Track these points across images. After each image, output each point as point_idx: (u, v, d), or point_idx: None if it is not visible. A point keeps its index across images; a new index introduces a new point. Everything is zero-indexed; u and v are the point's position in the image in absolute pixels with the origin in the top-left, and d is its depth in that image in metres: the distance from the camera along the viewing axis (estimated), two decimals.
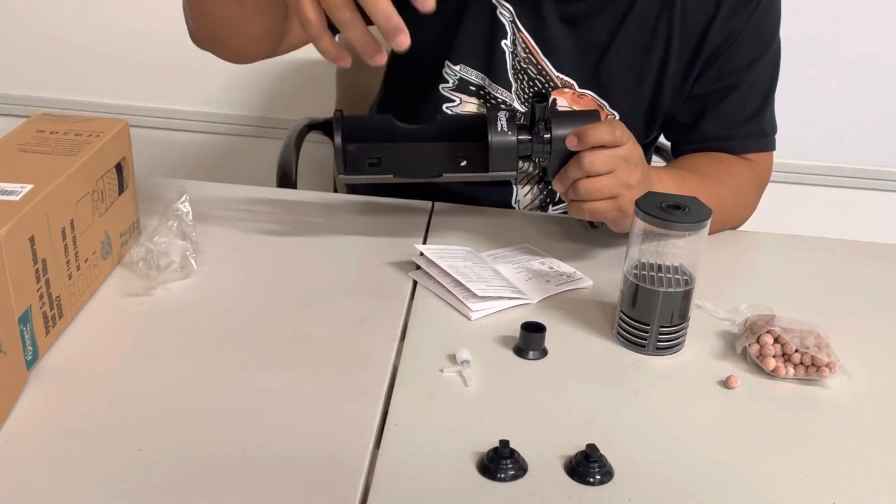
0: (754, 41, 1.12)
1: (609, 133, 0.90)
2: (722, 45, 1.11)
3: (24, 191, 0.76)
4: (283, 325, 0.86)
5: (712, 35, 1.10)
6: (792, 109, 1.86)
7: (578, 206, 0.94)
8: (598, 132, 0.90)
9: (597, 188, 0.92)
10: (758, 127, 1.17)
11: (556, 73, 1.12)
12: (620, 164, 0.92)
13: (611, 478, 0.70)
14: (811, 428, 0.79)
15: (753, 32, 1.11)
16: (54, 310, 0.80)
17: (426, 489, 0.68)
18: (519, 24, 1.10)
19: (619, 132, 0.91)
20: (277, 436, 0.72)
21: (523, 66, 1.12)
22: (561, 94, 1.14)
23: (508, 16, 1.09)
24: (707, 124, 1.15)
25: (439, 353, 0.84)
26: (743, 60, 1.12)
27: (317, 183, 1.85)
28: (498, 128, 0.92)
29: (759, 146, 1.18)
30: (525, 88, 1.13)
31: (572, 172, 0.92)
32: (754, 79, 1.14)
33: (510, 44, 1.10)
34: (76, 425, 0.71)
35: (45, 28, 1.94)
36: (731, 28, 1.10)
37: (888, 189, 2.01)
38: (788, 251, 1.12)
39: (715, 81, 1.13)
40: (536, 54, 1.11)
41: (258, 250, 1.00)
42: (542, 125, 0.93)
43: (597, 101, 1.14)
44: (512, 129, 0.93)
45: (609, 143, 0.91)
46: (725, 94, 1.14)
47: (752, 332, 0.86)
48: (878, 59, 1.87)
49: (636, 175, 0.93)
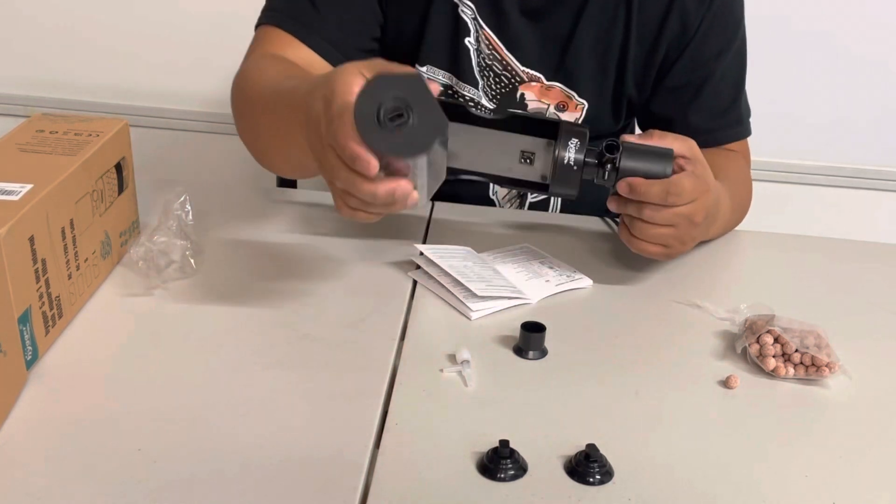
0: (720, 30, 1.12)
1: (660, 196, 0.87)
2: (683, 32, 1.11)
3: (24, 191, 0.76)
4: (283, 325, 0.86)
5: (671, 21, 1.10)
6: (792, 109, 1.86)
7: (628, 238, 0.92)
8: (651, 192, 0.87)
9: (652, 234, 0.90)
10: (735, 115, 1.18)
11: (521, 68, 1.13)
12: (682, 222, 0.90)
13: (611, 478, 0.70)
14: (811, 428, 0.79)
15: (718, 21, 1.11)
16: (54, 310, 0.80)
17: (426, 489, 0.68)
18: (481, 20, 1.10)
19: (672, 197, 0.87)
20: (277, 436, 0.72)
21: (488, 63, 1.12)
22: (528, 88, 1.14)
23: (470, 13, 1.09)
24: (690, 118, 1.16)
25: (439, 353, 0.84)
26: (712, 51, 1.13)
27: (317, 183, 1.85)
28: (567, 148, 0.89)
29: (739, 134, 1.19)
30: (492, 85, 1.14)
31: (631, 210, 0.90)
32: (726, 68, 1.15)
33: (474, 41, 1.11)
34: (76, 425, 0.71)
35: (45, 28, 1.94)
36: (691, 15, 1.10)
37: (888, 189, 2.01)
38: (788, 251, 1.12)
39: (687, 73, 1.14)
40: (500, 50, 1.11)
41: (258, 250, 1.00)
42: (609, 162, 0.89)
43: (565, 91, 1.14)
44: (581, 152, 0.89)
45: (658, 203, 0.88)
46: (700, 86, 1.15)
47: (752, 332, 0.86)
48: (879, 58, 1.87)
49: (695, 233, 0.92)
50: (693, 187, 0.89)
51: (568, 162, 0.89)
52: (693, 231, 0.92)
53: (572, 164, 0.89)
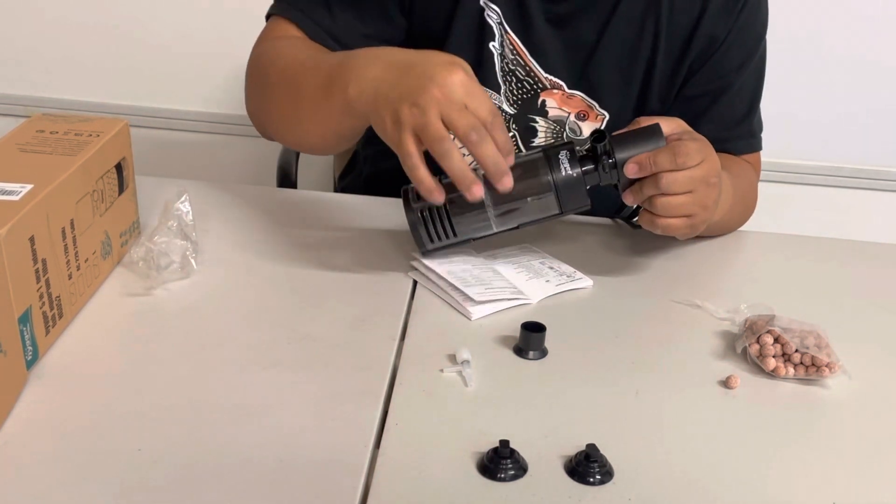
0: (743, 43, 1.13)
1: (670, 161, 0.87)
2: (710, 45, 1.11)
3: (24, 191, 0.76)
4: (283, 325, 0.86)
5: (700, 34, 1.10)
6: (792, 109, 1.86)
7: (651, 220, 0.92)
8: (659, 161, 0.88)
9: (674, 206, 0.90)
10: (748, 128, 1.18)
11: (544, 75, 1.12)
12: (699, 186, 0.90)
13: (611, 478, 0.70)
14: (811, 428, 0.79)
15: (742, 35, 1.11)
16: (54, 310, 0.80)
17: (426, 489, 0.68)
18: (506, 25, 1.09)
19: (681, 158, 0.87)
20: (277, 436, 0.72)
21: (511, 68, 1.12)
22: (550, 96, 1.14)
23: (496, 17, 1.09)
24: (702, 128, 1.15)
25: (439, 353, 0.84)
26: (733, 63, 1.13)
27: (317, 183, 1.85)
28: (560, 170, 0.89)
29: (750, 147, 1.19)
30: (513, 90, 1.13)
31: (648, 190, 0.89)
32: (744, 81, 1.15)
33: (498, 45, 1.10)
34: (76, 425, 0.71)
35: (45, 28, 1.94)
36: (719, 28, 1.10)
37: (888, 189, 2.01)
38: (788, 251, 1.12)
39: (706, 84, 1.14)
40: (524, 56, 1.11)
41: (258, 250, 1.00)
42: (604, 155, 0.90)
43: (586, 101, 1.14)
44: (574, 164, 0.90)
45: (671, 169, 0.88)
46: (717, 97, 1.14)
47: (752, 332, 0.86)
48: (879, 58, 1.87)
49: (713, 194, 0.92)
50: (698, 147, 0.90)
51: (567, 177, 0.90)
52: (711, 193, 0.92)
53: (572, 176, 0.90)
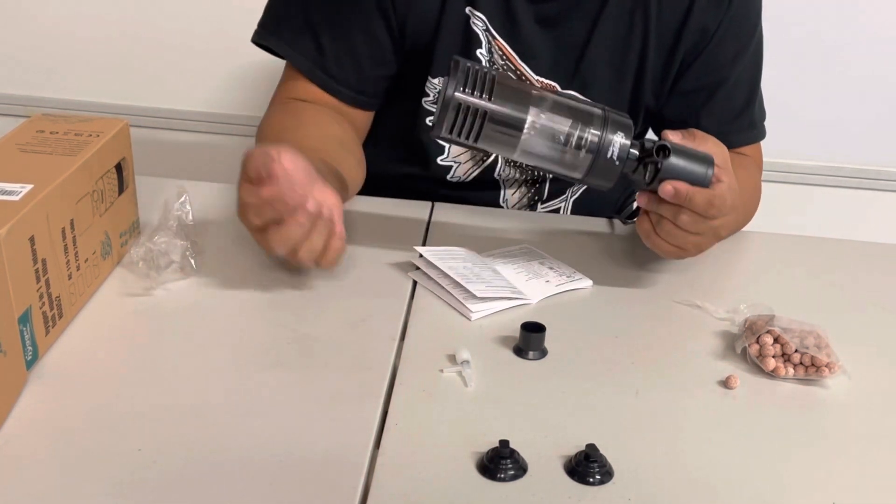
0: (736, 35, 1.12)
1: (703, 206, 0.87)
2: (702, 38, 1.10)
3: (24, 191, 0.76)
4: (283, 325, 0.86)
5: (690, 27, 1.09)
6: (792, 109, 1.86)
7: (647, 232, 0.92)
8: (695, 201, 0.86)
9: (676, 237, 0.91)
10: (748, 120, 1.18)
11: (535, 77, 1.12)
12: (708, 234, 0.91)
13: (611, 478, 0.70)
14: (811, 428, 0.79)
15: (734, 25, 1.11)
16: (54, 310, 0.80)
17: (426, 489, 0.68)
18: (493, 31, 1.09)
19: (713, 210, 0.87)
20: (277, 436, 0.72)
21: None
22: None
23: (482, 25, 1.08)
24: (702, 122, 1.15)
25: (439, 353, 0.84)
26: (727, 55, 1.12)
27: None
28: (612, 141, 0.86)
29: (751, 138, 1.19)
30: None
31: (665, 212, 0.89)
32: (740, 73, 1.14)
33: (486, 52, 1.10)
34: (76, 425, 0.72)
35: (45, 28, 1.94)
36: (710, 20, 1.09)
37: (888, 189, 2.01)
38: (788, 251, 1.12)
39: (701, 77, 1.13)
40: (514, 60, 1.10)
41: (258, 250, 0.99)
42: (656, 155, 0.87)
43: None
44: (625, 146, 0.87)
45: (698, 213, 0.88)
46: (714, 91, 1.14)
47: (752, 332, 0.86)
48: (879, 58, 1.87)
49: (713, 243, 0.95)
50: (731, 203, 0.90)
51: (612, 155, 0.87)
52: (713, 242, 0.95)
53: (615, 157, 0.86)
